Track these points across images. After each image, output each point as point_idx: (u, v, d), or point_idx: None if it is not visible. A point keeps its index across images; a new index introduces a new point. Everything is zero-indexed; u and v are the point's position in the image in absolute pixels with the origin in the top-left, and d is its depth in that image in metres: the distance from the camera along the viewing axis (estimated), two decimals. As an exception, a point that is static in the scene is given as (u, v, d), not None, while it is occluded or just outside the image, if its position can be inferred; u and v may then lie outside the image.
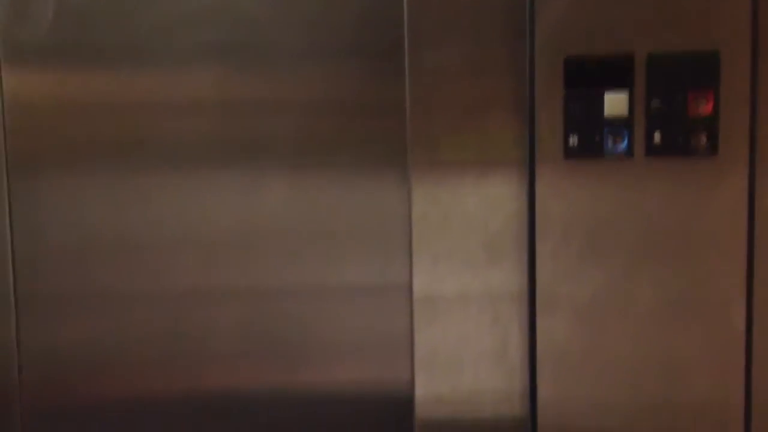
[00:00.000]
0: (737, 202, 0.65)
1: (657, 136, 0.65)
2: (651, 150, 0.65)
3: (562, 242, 0.67)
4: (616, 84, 0.65)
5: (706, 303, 0.67)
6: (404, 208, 0.70)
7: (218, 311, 0.75)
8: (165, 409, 0.77)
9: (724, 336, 0.67)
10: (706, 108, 0.64)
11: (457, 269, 0.70)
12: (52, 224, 0.75)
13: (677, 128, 0.65)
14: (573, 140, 0.66)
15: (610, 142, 0.65)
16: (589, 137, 0.65)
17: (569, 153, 0.66)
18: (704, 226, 0.66)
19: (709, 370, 0.67)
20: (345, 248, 0.74)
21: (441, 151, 0.68)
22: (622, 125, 0.65)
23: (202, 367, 0.76)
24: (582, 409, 0.69)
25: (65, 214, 0.75)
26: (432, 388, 0.71)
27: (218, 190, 0.73)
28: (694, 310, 0.67)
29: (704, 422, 0.68)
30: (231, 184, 0.73)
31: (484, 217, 0.69)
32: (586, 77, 0.65)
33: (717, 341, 0.67)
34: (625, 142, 0.65)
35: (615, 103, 0.65)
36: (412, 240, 0.70)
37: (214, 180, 0.73)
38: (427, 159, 0.68)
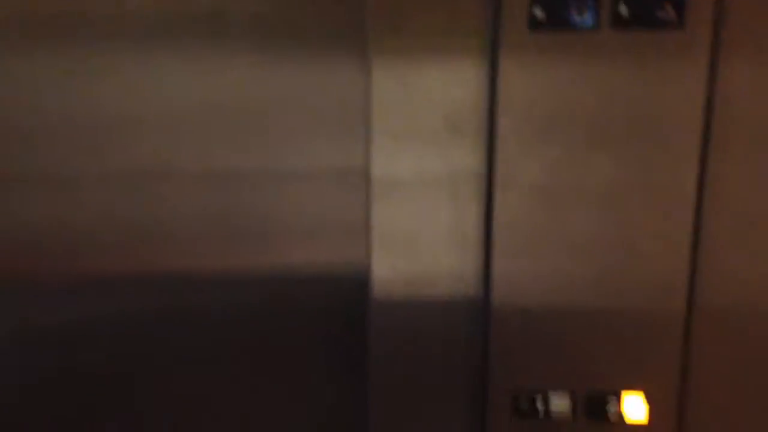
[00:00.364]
0: (700, 78, 0.65)
1: (623, 8, 0.63)
2: (617, 22, 0.63)
3: (524, 118, 0.66)
4: (585, -48, 0.62)
5: (661, 175, 0.67)
6: (364, 90, 0.67)
7: (173, 193, 0.72)
8: (119, 290, 0.74)
9: (676, 209, 0.68)
10: (674, -22, 0.63)
11: (416, 147, 0.68)
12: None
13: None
14: (538, 12, 0.63)
15: (576, 14, 0.63)
16: (555, 9, 0.63)
17: (534, 26, 0.64)
18: (666, 100, 0.65)
19: (660, 241, 0.68)
20: (304, 131, 0.70)
21: (402, 28, 0.65)
22: (589, -4, 0.63)
23: (157, 250, 0.73)
24: (535, 286, 0.70)
25: (11, 93, 0.69)
26: (388, 270, 0.71)
27: (173, 70, 0.68)
28: (648, 182, 0.67)
29: (651, 290, 0.70)
30: (187, 64, 0.68)
31: (446, 94, 0.66)
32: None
33: (668, 213, 0.68)
34: (592, 13, 0.63)
35: (583, -28, 0.63)
36: (371, 117, 0.67)
37: (170, 59, 0.68)
38: (388, 36, 0.65)
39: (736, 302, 0.71)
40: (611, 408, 0.72)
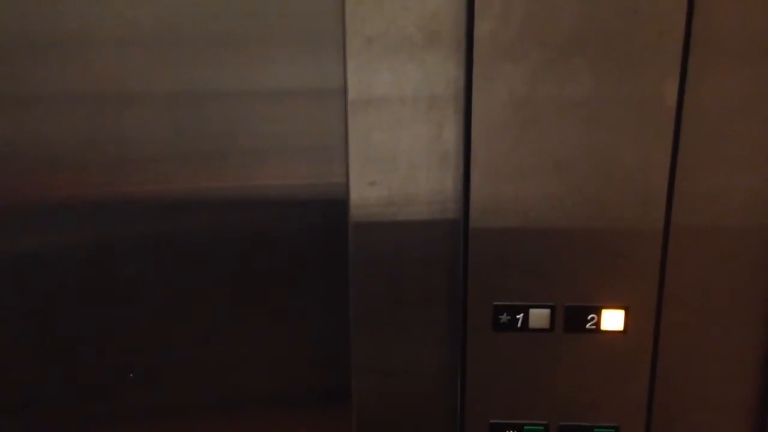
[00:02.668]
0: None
1: None
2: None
3: (501, 22, 0.65)
4: None
5: (642, 88, 0.66)
6: (338, 2, 0.65)
7: (145, 114, 0.70)
8: (89, 214, 0.73)
9: (657, 123, 0.67)
10: None
11: (393, 58, 0.66)
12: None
13: None
14: None
15: None
16: None
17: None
18: (644, 10, 0.64)
19: (640, 157, 0.67)
20: (277, 48, 0.68)
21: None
22: None
23: (129, 174, 0.71)
24: (514, 203, 0.69)
25: None
26: (367, 192, 0.70)
27: None
28: (628, 94, 0.66)
29: (630, 207, 0.69)
30: None
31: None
32: None
33: (649, 128, 0.67)
34: None
35: None
36: (346, 27, 0.65)
37: None
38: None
39: (711, 218, 0.71)
40: (589, 321, 0.72)
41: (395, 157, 0.69)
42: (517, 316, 0.72)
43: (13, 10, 0.67)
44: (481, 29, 0.65)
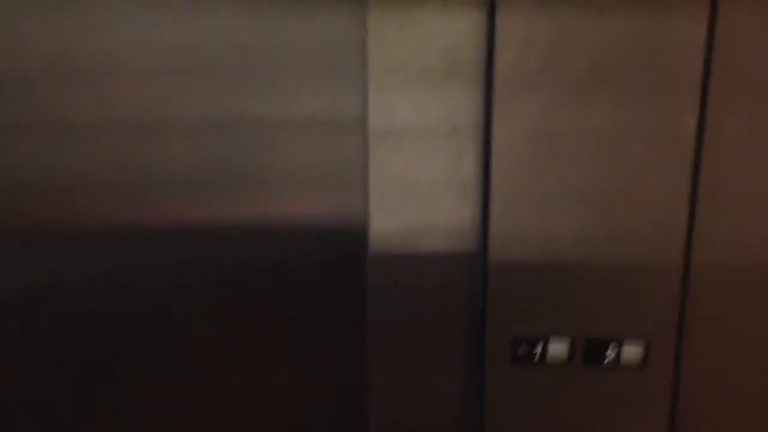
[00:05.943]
0: (700, 21, 0.64)
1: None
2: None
3: (521, 55, 0.65)
4: None
5: (661, 121, 0.66)
6: (361, 32, 0.66)
7: (169, 143, 0.70)
8: (115, 241, 0.73)
9: (676, 157, 0.67)
10: None
11: (414, 89, 0.66)
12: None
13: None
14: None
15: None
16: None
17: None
18: (664, 42, 0.65)
19: (659, 191, 0.68)
20: (300, 78, 0.68)
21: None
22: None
23: (152, 202, 0.72)
24: (534, 235, 0.69)
25: (10, 40, 0.68)
26: (386, 222, 0.70)
27: (169, 18, 0.67)
28: (647, 128, 0.66)
29: (650, 241, 0.69)
30: (182, 11, 0.67)
31: (443, 28, 0.65)
32: None
33: (668, 162, 0.67)
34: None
35: None
36: (368, 58, 0.66)
37: (166, 7, 0.66)
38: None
39: (732, 254, 0.70)
40: (608, 354, 0.71)
41: (415, 187, 0.70)
42: (536, 349, 0.71)
43: (50, 38, 0.68)
44: (501, 60, 0.65)
